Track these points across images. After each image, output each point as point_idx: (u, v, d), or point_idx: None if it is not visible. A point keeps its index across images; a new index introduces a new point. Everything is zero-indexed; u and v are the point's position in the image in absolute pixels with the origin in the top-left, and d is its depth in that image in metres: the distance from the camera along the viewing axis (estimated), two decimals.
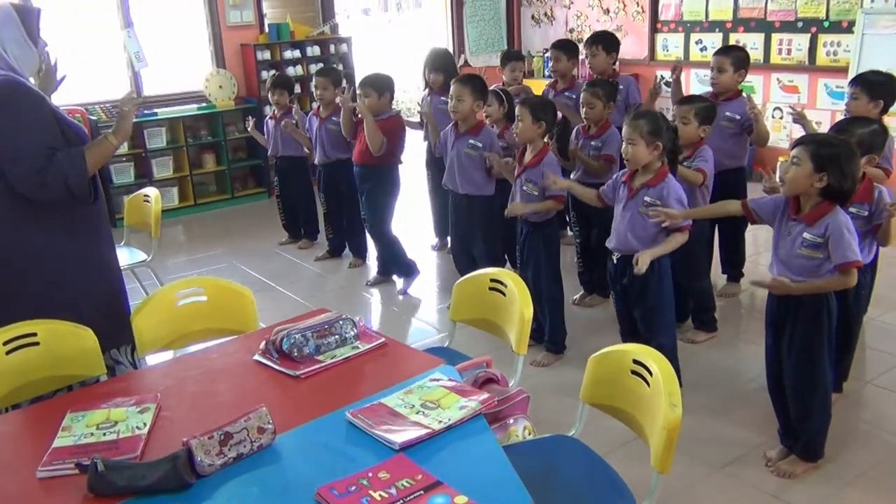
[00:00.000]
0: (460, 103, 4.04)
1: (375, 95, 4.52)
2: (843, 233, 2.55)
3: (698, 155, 3.64)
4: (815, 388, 2.75)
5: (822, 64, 6.32)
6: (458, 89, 4.05)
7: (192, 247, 6.18)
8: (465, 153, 4.10)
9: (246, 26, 7.23)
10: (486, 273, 2.74)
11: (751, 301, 4.48)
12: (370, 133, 4.45)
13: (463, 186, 4.15)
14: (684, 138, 3.59)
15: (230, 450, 1.71)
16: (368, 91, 4.52)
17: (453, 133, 4.19)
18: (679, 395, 1.87)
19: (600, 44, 4.84)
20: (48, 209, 2.58)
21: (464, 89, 4.04)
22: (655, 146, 3.11)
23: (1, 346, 2.26)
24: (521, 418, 2.28)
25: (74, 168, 2.50)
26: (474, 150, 4.07)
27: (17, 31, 2.51)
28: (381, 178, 4.70)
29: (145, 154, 6.72)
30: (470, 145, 4.08)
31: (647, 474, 1.90)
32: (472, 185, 4.12)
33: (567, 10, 8.22)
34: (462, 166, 4.12)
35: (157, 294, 2.68)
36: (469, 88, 4.04)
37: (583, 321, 4.23)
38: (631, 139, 3.12)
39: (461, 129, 4.14)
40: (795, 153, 2.60)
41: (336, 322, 2.32)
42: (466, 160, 4.11)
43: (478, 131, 4.10)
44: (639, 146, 3.10)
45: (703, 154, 3.65)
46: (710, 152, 3.67)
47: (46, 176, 2.45)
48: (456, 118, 4.13)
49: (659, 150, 3.13)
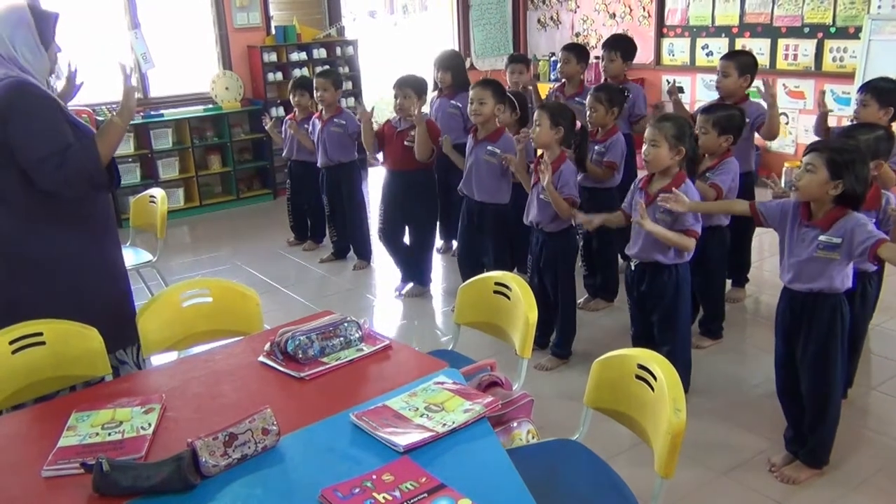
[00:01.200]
0: (482, 106, 3.97)
1: (415, 97, 4.41)
2: (863, 222, 2.55)
3: (720, 167, 3.56)
4: (829, 393, 2.75)
5: (829, 70, 6.32)
6: (479, 92, 3.99)
7: (198, 248, 6.19)
8: (484, 160, 4.05)
9: (253, 28, 7.25)
10: (490, 276, 2.74)
11: (756, 306, 4.47)
12: (422, 141, 4.32)
13: (479, 193, 4.10)
14: (705, 148, 3.57)
15: (234, 451, 1.72)
16: (409, 92, 4.39)
17: (472, 139, 4.15)
18: (683, 401, 1.87)
19: (618, 50, 4.78)
20: (55, 209, 2.59)
21: (485, 92, 3.98)
22: (678, 151, 3.09)
23: (7, 346, 2.27)
24: (524, 422, 2.28)
25: (89, 157, 2.52)
26: (492, 157, 4.01)
27: (29, 35, 2.52)
28: (426, 183, 4.63)
29: (151, 155, 6.74)
30: (489, 151, 4.02)
31: (651, 479, 1.90)
32: (487, 192, 4.08)
33: (573, 14, 8.23)
34: (479, 173, 4.08)
35: (162, 295, 2.68)
36: (490, 91, 3.98)
37: (587, 325, 4.22)
38: (654, 141, 3.09)
39: (480, 134, 4.09)
40: (809, 160, 2.58)
41: (341, 324, 2.32)
42: (484, 167, 4.05)
43: (497, 137, 4.04)
44: (661, 148, 3.08)
45: (724, 167, 3.56)
46: (734, 165, 3.59)
47: (67, 171, 2.47)
48: (477, 121, 4.06)
49: (681, 156, 3.11)
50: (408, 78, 4.50)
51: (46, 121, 2.49)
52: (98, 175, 2.56)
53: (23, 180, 2.52)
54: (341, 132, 5.06)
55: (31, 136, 2.45)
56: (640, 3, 7.56)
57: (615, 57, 4.78)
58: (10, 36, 2.50)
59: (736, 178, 3.58)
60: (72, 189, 2.54)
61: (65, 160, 2.47)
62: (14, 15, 2.52)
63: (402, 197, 4.65)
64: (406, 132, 4.46)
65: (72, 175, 2.49)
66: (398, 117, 4.53)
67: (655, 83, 7.34)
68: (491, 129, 4.07)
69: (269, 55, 7.17)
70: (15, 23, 2.51)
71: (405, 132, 4.47)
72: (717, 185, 3.52)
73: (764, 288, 4.61)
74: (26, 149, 2.45)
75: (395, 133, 4.54)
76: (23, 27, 2.51)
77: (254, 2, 7.20)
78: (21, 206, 2.55)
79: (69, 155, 2.48)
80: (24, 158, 2.46)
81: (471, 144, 4.15)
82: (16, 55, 2.51)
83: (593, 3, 8.00)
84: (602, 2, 7.90)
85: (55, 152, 2.46)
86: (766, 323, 4.17)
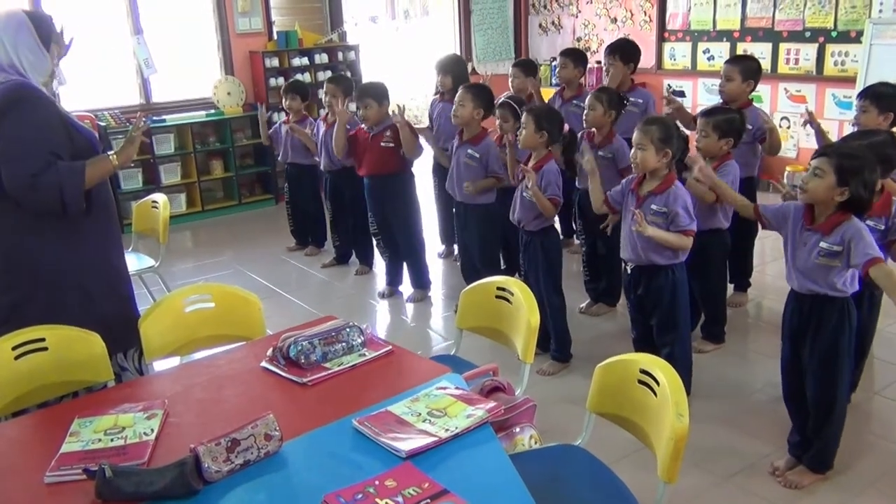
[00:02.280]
0: (461, 108, 4.09)
1: (376, 105, 4.53)
2: (862, 234, 2.54)
3: (721, 170, 3.56)
4: (835, 397, 2.74)
5: (830, 74, 6.31)
6: (461, 95, 4.11)
7: (200, 253, 6.20)
8: (465, 162, 4.13)
9: (255, 34, 7.26)
10: (492, 281, 2.74)
11: (758, 311, 4.47)
12: (407, 139, 4.43)
13: (461, 194, 4.17)
14: (705, 151, 3.58)
15: (237, 456, 1.72)
16: (369, 102, 4.51)
17: (458, 139, 4.23)
18: (686, 406, 1.87)
19: (617, 54, 4.78)
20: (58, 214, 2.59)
21: (466, 95, 4.09)
22: (665, 153, 3.12)
23: (10, 351, 2.27)
24: (527, 427, 2.28)
25: (72, 180, 2.49)
26: (472, 161, 4.10)
27: (30, 38, 2.53)
28: (404, 186, 4.69)
29: (153, 160, 6.74)
30: (468, 155, 4.11)
31: (654, 484, 1.90)
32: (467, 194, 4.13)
33: (575, 18, 8.24)
34: (460, 175, 4.16)
35: (164, 300, 2.68)
36: (471, 94, 4.08)
37: (590, 330, 4.22)
38: (641, 144, 3.12)
39: (464, 136, 4.18)
40: (818, 164, 2.58)
41: (343, 329, 2.32)
42: (465, 169, 4.14)
43: (478, 141, 4.12)
44: (648, 151, 3.11)
45: (724, 170, 3.56)
46: (735, 168, 3.60)
47: (40, 181, 2.43)
48: (456, 122, 4.18)
49: (668, 158, 3.14)
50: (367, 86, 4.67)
51: (38, 130, 2.47)
52: (74, 200, 2.50)
53: None
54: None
55: (14, 144, 2.43)
56: (641, 7, 7.56)
57: (614, 60, 4.77)
58: (11, 41, 2.50)
59: (736, 181, 3.58)
60: (39, 201, 2.49)
61: (46, 171, 2.43)
62: (13, 20, 2.53)
63: (383, 201, 4.73)
64: (381, 135, 4.55)
65: (44, 188, 2.44)
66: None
67: (657, 87, 7.34)
68: (474, 132, 4.14)
69: (270, 60, 7.18)
70: (15, 28, 2.52)
71: (380, 135, 4.55)
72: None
73: (766, 292, 4.61)
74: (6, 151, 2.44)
75: (369, 137, 4.60)
76: (23, 31, 2.53)
77: (256, 7, 7.22)
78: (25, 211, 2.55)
79: (52, 169, 2.45)
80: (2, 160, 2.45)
81: (455, 145, 4.24)
82: (17, 61, 2.51)
83: (594, 7, 8.01)
84: (603, 6, 7.91)
85: (35, 159, 2.43)
86: (768, 327, 4.16)
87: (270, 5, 7.32)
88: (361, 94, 4.57)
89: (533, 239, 3.73)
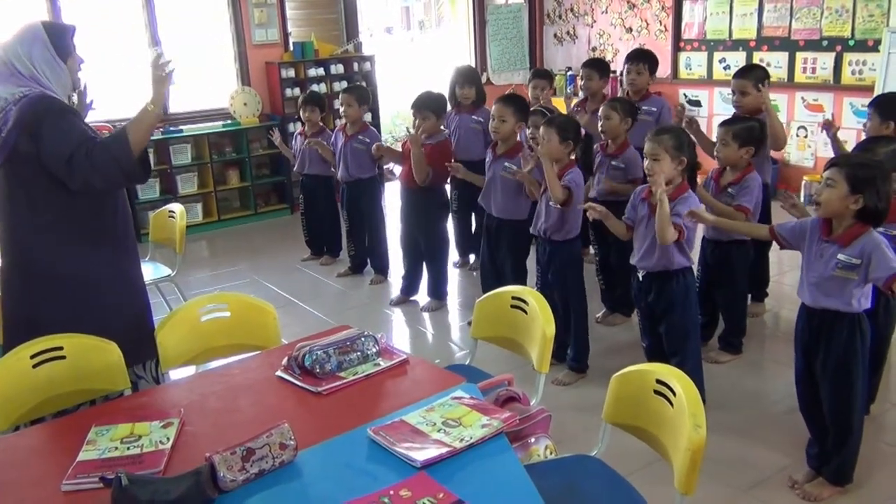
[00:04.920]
0: (503, 124, 3.96)
1: (434, 117, 4.44)
2: (882, 248, 2.52)
3: (744, 185, 3.54)
4: (850, 410, 2.72)
5: (848, 83, 6.28)
6: (500, 109, 3.97)
7: (216, 262, 6.23)
8: (501, 176, 4.04)
9: (271, 44, 7.31)
10: (507, 291, 2.73)
11: (775, 321, 4.43)
12: (417, 163, 4.34)
13: (496, 209, 4.10)
14: (725, 161, 3.57)
15: (252, 465, 1.72)
16: (427, 114, 4.41)
17: (491, 154, 4.15)
18: (703, 416, 1.86)
19: (646, 62, 4.72)
20: (76, 224, 2.62)
21: (506, 110, 3.96)
22: (680, 161, 3.11)
23: (28, 360, 2.29)
24: (542, 437, 2.26)
25: (120, 146, 2.53)
26: (509, 173, 3.99)
27: (45, 50, 2.56)
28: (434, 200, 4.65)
29: (170, 170, 6.80)
30: (505, 168, 4.01)
31: (670, 496, 1.88)
32: (504, 208, 4.07)
33: (590, 28, 8.24)
34: (496, 189, 4.08)
35: (180, 309, 2.70)
36: (512, 109, 3.97)
37: (605, 340, 4.20)
38: (655, 154, 3.10)
39: (499, 150, 4.08)
40: (829, 175, 2.57)
41: (358, 339, 2.33)
42: (501, 183, 4.05)
43: (515, 154, 4.02)
44: (664, 161, 3.09)
45: (748, 186, 3.54)
46: (757, 182, 3.58)
47: (95, 159, 2.48)
48: (496, 138, 4.06)
49: (684, 165, 3.12)
50: (427, 98, 4.51)
51: (72, 124, 2.53)
52: (128, 164, 2.55)
53: (46, 195, 2.55)
54: (364, 149, 5.06)
55: (58, 139, 2.48)
56: (656, 17, 7.56)
57: (643, 70, 4.70)
58: (28, 54, 2.54)
59: (760, 196, 3.57)
60: (104, 179, 2.54)
61: (92, 150, 2.49)
62: (29, 33, 2.56)
63: (412, 212, 4.71)
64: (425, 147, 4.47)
65: (101, 163, 2.50)
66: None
67: (673, 97, 7.32)
68: (510, 144, 4.06)
69: (287, 71, 7.22)
70: (31, 41, 2.55)
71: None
72: (744, 207, 3.51)
73: (783, 302, 4.57)
74: (55, 153, 2.48)
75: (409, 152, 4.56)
76: (38, 44, 2.55)
77: (272, 18, 7.27)
78: (42, 221, 2.58)
79: (97, 145, 2.51)
80: (54, 162, 2.49)
81: (490, 159, 4.15)
82: (36, 73, 2.54)
83: (610, 17, 8.01)
84: (619, 16, 7.91)
85: (82, 144, 2.49)
86: (785, 338, 4.12)
87: (287, 17, 7.38)
88: (421, 105, 4.46)
89: (558, 250, 3.68)
